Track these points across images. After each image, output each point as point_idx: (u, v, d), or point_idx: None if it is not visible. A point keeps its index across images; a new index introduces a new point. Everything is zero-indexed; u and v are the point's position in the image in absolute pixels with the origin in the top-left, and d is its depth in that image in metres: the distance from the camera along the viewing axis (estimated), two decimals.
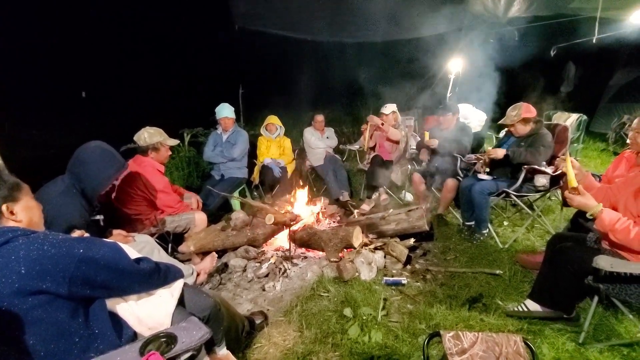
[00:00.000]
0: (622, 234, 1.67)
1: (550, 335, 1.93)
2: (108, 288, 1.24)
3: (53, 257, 1.09)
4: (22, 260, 1.06)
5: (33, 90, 3.70)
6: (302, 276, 2.67)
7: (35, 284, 1.06)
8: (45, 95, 3.82)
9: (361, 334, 2.00)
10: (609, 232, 1.72)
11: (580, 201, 1.82)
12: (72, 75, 4.03)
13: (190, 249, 2.85)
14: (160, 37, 5.10)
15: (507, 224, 3.49)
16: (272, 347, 1.99)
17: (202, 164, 4.78)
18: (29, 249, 1.08)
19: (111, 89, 4.48)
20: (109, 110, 4.53)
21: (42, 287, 1.07)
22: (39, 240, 1.11)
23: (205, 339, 1.20)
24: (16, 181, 1.28)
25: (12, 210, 1.22)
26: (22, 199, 1.27)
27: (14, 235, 1.11)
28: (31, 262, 1.07)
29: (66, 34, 3.93)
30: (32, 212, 1.30)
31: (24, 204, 1.27)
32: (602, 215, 1.74)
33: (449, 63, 5.69)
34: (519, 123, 3.02)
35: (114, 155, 2.15)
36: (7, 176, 1.26)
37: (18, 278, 1.05)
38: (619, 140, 6.06)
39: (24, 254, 1.07)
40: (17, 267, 1.06)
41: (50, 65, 3.86)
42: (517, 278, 2.54)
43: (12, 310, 1.05)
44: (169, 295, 1.40)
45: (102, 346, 1.20)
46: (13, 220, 1.23)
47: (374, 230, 3.14)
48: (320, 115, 4.73)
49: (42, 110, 3.84)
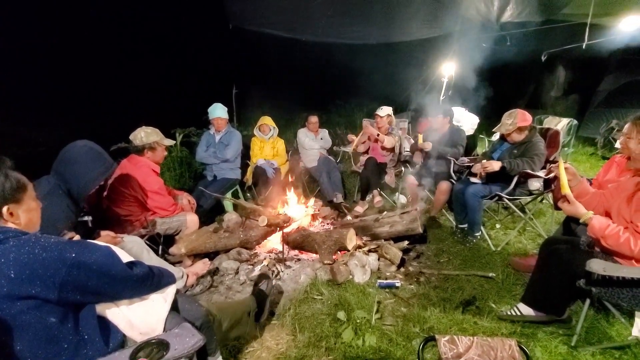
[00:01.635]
0: (612, 239, 1.71)
1: (543, 339, 1.94)
2: (99, 294, 1.21)
3: (44, 262, 1.05)
4: (12, 264, 1.02)
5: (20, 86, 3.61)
6: (296, 279, 2.65)
7: (24, 289, 1.03)
8: (33, 92, 3.73)
9: (355, 338, 1.98)
10: (600, 238, 1.76)
11: (570, 210, 1.88)
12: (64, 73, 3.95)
13: (181, 251, 2.80)
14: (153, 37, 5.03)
15: (499, 226, 3.52)
16: (264, 351, 1.96)
17: (195, 165, 4.72)
18: (19, 252, 1.04)
19: (103, 88, 4.39)
20: (100, 109, 4.44)
21: (31, 292, 1.03)
22: (30, 243, 1.07)
23: (198, 346, 1.17)
24: (21, 181, 1.21)
25: (13, 212, 1.17)
26: (25, 200, 1.21)
27: (5, 237, 1.07)
28: (21, 266, 1.03)
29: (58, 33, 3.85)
30: (32, 214, 1.25)
31: (25, 206, 1.21)
32: (592, 222, 1.78)
33: (442, 66, 5.74)
34: (514, 132, 3.03)
35: (102, 155, 2.08)
36: (13, 174, 1.19)
37: (7, 282, 1.01)
38: (607, 145, 6.18)
39: (14, 257, 1.03)
40: (7, 270, 1.02)
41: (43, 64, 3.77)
42: (510, 281, 2.56)
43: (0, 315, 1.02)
44: (162, 301, 1.37)
45: (90, 352, 1.16)
46: (12, 222, 1.17)
47: (367, 232, 3.14)
48: (314, 117, 4.71)
49: (31, 107, 3.75)
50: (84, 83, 4.24)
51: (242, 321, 1.83)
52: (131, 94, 4.57)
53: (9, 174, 1.17)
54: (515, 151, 3.06)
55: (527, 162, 2.91)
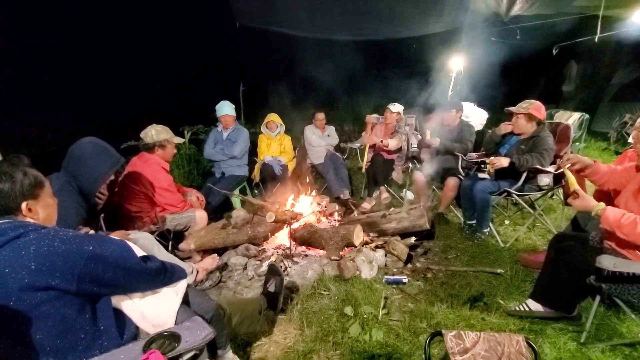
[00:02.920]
0: (629, 228, 1.65)
1: (551, 335, 1.93)
2: (115, 286, 1.24)
3: (63, 254, 1.08)
4: (33, 256, 1.06)
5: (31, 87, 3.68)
6: (303, 274, 2.67)
7: (44, 280, 1.06)
8: (44, 92, 3.81)
9: (362, 333, 2.00)
10: (616, 228, 1.70)
11: (581, 204, 1.84)
12: (72, 72, 4.02)
13: (190, 247, 2.84)
14: (161, 35, 5.09)
15: (508, 223, 3.49)
16: (272, 345, 1.99)
17: (203, 162, 4.77)
18: (39, 245, 1.08)
19: (112, 86, 4.46)
20: (109, 108, 4.52)
21: (51, 284, 1.07)
22: (50, 237, 1.11)
23: (208, 339, 1.20)
24: (39, 177, 1.25)
25: (31, 208, 1.21)
26: (43, 196, 1.25)
27: (25, 231, 1.10)
28: (41, 258, 1.06)
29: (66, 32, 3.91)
30: (49, 210, 1.29)
31: (43, 202, 1.25)
32: (606, 213, 1.73)
33: (451, 61, 5.67)
34: (523, 117, 2.97)
35: (108, 151, 2.13)
36: (31, 171, 1.22)
37: (28, 273, 1.05)
38: (620, 140, 6.05)
39: (34, 249, 1.07)
40: (27, 262, 1.05)
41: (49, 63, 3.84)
42: (519, 277, 2.54)
43: (20, 305, 1.05)
44: (173, 294, 1.40)
45: (106, 343, 1.20)
46: (30, 217, 1.21)
47: (374, 228, 3.14)
48: (321, 113, 4.71)
49: (40, 107, 3.83)
50: (94, 83, 4.32)
51: (253, 318, 1.85)
52: (140, 92, 4.64)
53: (27, 171, 1.21)
54: (523, 146, 3.02)
55: (537, 157, 2.87)
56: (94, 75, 4.32)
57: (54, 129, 3.60)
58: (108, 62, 4.51)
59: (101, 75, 4.40)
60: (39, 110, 3.80)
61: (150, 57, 5.15)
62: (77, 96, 4.15)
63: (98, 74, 4.37)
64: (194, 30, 5.51)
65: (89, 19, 4.21)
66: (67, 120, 3.81)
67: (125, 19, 4.67)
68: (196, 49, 5.82)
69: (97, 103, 4.43)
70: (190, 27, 5.48)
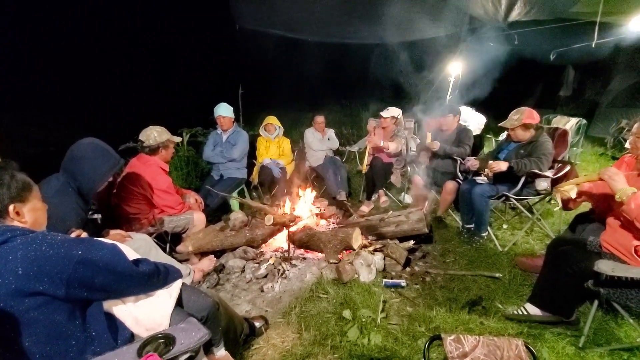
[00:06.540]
0: None
1: (550, 339, 1.92)
2: (106, 290, 1.22)
3: (51, 258, 1.07)
4: (20, 261, 1.04)
5: (31, 87, 3.68)
6: (301, 277, 2.66)
7: (32, 285, 1.04)
8: (43, 92, 3.80)
9: (360, 336, 1.99)
10: (634, 219, 1.65)
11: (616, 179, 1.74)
12: (72, 73, 4.02)
13: (188, 249, 2.83)
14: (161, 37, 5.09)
15: (506, 227, 3.49)
16: (270, 348, 1.97)
17: (201, 164, 4.76)
18: (27, 250, 1.06)
19: (112, 88, 4.46)
20: (108, 109, 4.51)
21: (39, 289, 1.05)
22: (38, 241, 1.09)
23: (204, 340, 1.19)
24: (27, 181, 1.24)
25: (19, 211, 1.20)
26: (31, 200, 1.24)
27: (13, 235, 1.09)
28: (29, 262, 1.04)
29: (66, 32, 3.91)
30: (38, 214, 1.27)
31: (31, 205, 1.24)
32: (633, 197, 1.64)
33: (449, 66, 5.70)
34: (519, 128, 2.99)
35: (108, 151, 2.12)
36: (19, 175, 1.22)
37: (15, 279, 1.03)
38: (617, 145, 6.10)
39: (21, 254, 1.05)
40: (15, 267, 1.03)
41: (49, 63, 3.84)
42: (517, 281, 2.54)
43: (8, 311, 1.03)
44: (167, 296, 1.38)
45: (98, 348, 1.18)
46: (18, 221, 1.20)
47: (373, 232, 3.13)
48: (320, 116, 4.71)
49: (40, 107, 3.82)
50: (94, 84, 4.31)
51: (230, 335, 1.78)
52: (140, 94, 4.63)
53: (14, 174, 1.20)
54: (522, 151, 3.03)
55: (535, 162, 2.88)
56: (94, 76, 4.32)
57: (53, 129, 3.59)
58: (108, 63, 4.51)
59: (101, 76, 4.40)
60: (39, 110, 3.79)
61: (150, 59, 5.15)
62: (77, 97, 4.15)
63: (98, 75, 4.37)
64: (193, 32, 5.53)
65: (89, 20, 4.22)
66: (67, 121, 3.79)
67: (125, 21, 4.68)
68: (195, 51, 5.83)
69: (96, 104, 4.43)
70: (190, 30, 5.50)
